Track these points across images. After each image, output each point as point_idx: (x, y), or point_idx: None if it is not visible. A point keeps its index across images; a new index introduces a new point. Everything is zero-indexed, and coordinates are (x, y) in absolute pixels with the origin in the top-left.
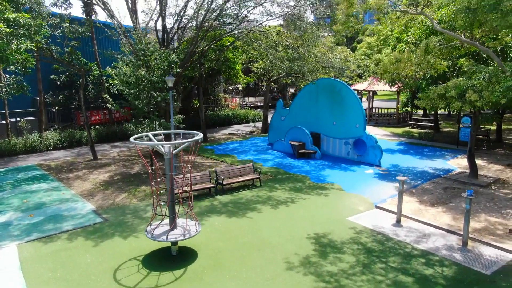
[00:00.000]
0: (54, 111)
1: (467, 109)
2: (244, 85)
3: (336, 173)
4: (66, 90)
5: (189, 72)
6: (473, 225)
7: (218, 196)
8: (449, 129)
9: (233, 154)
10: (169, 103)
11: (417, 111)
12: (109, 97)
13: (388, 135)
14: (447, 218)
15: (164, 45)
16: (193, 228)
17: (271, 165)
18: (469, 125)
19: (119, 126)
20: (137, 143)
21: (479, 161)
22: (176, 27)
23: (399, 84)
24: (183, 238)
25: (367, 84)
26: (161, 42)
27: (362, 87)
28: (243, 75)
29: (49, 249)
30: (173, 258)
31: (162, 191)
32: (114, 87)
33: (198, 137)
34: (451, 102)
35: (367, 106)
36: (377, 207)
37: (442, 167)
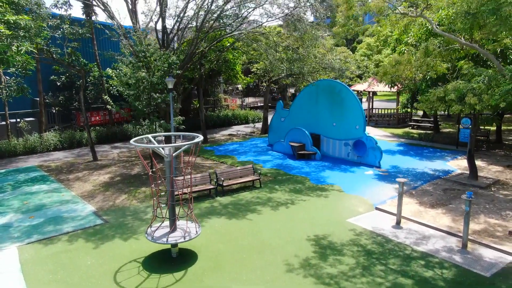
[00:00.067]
0: (54, 112)
1: (466, 112)
2: (244, 86)
3: (336, 174)
4: (66, 91)
5: (189, 73)
6: (472, 227)
7: (218, 197)
8: (449, 129)
9: (233, 155)
10: (169, 105)
11: (416, 112)
12: (109, 98)
13: (388, 136)
14: (446, 219)
15: (164, 46)
16: (193, 230)
17: (271, 166)
18: (469, 126)
19: (119, 127)
20: (137, 146)
21: (478, 162)
22: (176, 28)
23: (399, 85)
24: (183, 240)
25: (367, 85)
26: (161, 43)
27: (362, 88)
28: (243, 76)
29: (49, 251)
30: (173, 260)
31: (162, 193)
32: (114, 88)
33: (198, 139)
34: (451, 105)
35: (367, 106)
36: (377, 209)
37: (441, 168)
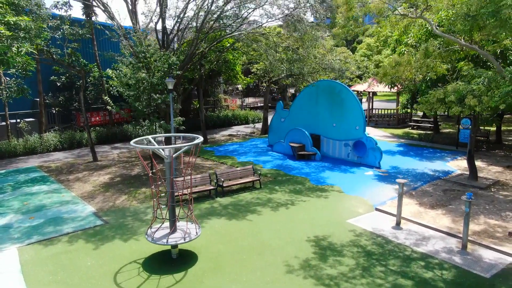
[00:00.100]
0: (54, 112)
1: (466, 113)
2: (244, 86)
3: (336, 175)
4: (66, 91)
5: (189, 73)
6: (472, 228)
7: (218, 198)
8: (449, 130)
9: (233, 155)
10: (169, 105)
11: (416, 112)
12: (109, 99)
13: (388, 136)
14: (446, 220)
15: (164, 47)
16: (193, 231)
17: (271, 166)
18: (469, 127)
19: (119, 127)
20: (137, 147)
21: (478, 163)
22: (176, 29)
23: (399, 86)
24: (183, 241)
25: (366, 85)
26: (161, 44)
27: (362, 88)
28: (243, 76)
29: (49, 252)
30: (174, 261)
31: (162, 194)
32: (114, 88)
33: (198, 140)
34: (451, 106)
35: (367, 106)
36: (377, 210)
37: (441, 169)
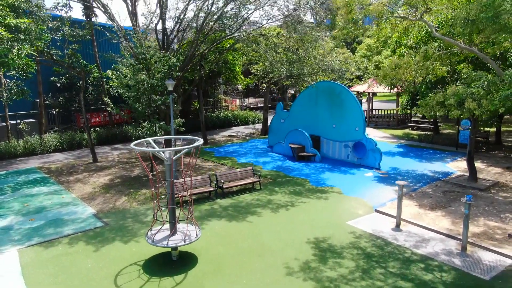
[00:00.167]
0: (54, 113)
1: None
2: (244, 87)
3: (335, 176)
4: (66, 92)
5: (189, 74)
6: (472, 230)
7: (218, 199)
8: (449, 131)
9: (233, 156)
10: (169, 106)
11: (416, 113)
12: (109, 100)
13: (387, 137)
14: (446, 222)
15: (164, 48)
16: (193, 233)
17: (271, 168)
18: (469, 128)
19: (119, 128)
20: (138, 149)
21: (478, 164)
22: (176, 30)
23: (399, 87)
24: (184, 243)
25: (366, 86)
26: (161, 45)
27: (361, 89)
28: (243, 77)
29: (50, 254)
30: (174, 263)
31: (162, 196)
32: (114, 89)
33: (198, 143)
34: (450, 109)
35: (366, 107)
36: (377, 211)
37: (441, 170)
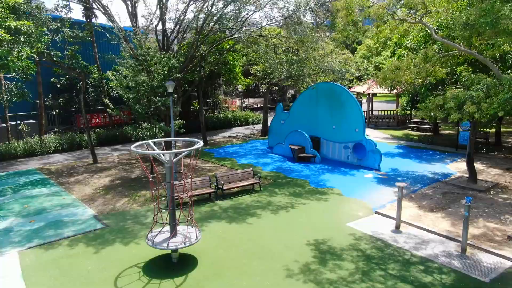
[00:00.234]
0: (54, 114)
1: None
2: (244, 87)
3: (335, 178)
4: (66, 93)
5: (189, 75)
6: (471, 231)
7: (218, 201)
8: (449, 131)
9: (233, 157)
10: (169, 108)
11: (416, 114)
12: (109, 102)
13: (387, 138)
14: (446, 223)
15: (164, 49)
16: (193, 235)
17: (271, 169)
18: (468, 129)
19: (119, 129)
20: (138, 152)
21: (478, 165)
22: (176, 31)
23: (399, 88)
24: (184, 245)
25: (366, 87)
26: (161, 46)
27: (361, 90)
28: (243, 78)
29: (50, 256)
30: (174, 265)
31: (162, 198)
32: (114, 90)
33: (198, 145)
34: (450, 112)
35: (366, 108)
36: (377, 213)
37: (441, 171)
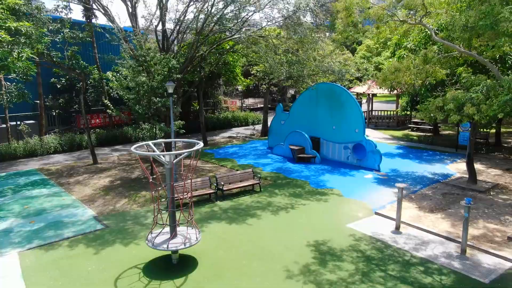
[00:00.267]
0: (54, 114)
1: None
2: (244, 87)
3: (335, 178)
4: (66, 93)
5: (189, 76)
6: (471, 232)
7: (218, 201)
8: (448, 132)
9: (233, 158)
10: (169, 108)
11: (416, 114)
12: (109, 103)
13: (387, 138)
14: (446, 224)
15: (164, 50)
16: (193, 236)
17: (271, 169)
18: (468, 129)
19: (119, 129)
20: (138, 153)
21: (478, 166)
22: (176, 31)
23: (398, 89)
24: (184, 246)
25: (366, 87)
26: (161, 46)
27: (361, 90)
28: (243, 78)
29: (50, 256)
30: (174, 266)
31: (162, 199)
32: (114, 91)
33: (198, 146)
34: (450, 114)
35: (366, 108)
36: (376, 214)
37: (441, 172)
